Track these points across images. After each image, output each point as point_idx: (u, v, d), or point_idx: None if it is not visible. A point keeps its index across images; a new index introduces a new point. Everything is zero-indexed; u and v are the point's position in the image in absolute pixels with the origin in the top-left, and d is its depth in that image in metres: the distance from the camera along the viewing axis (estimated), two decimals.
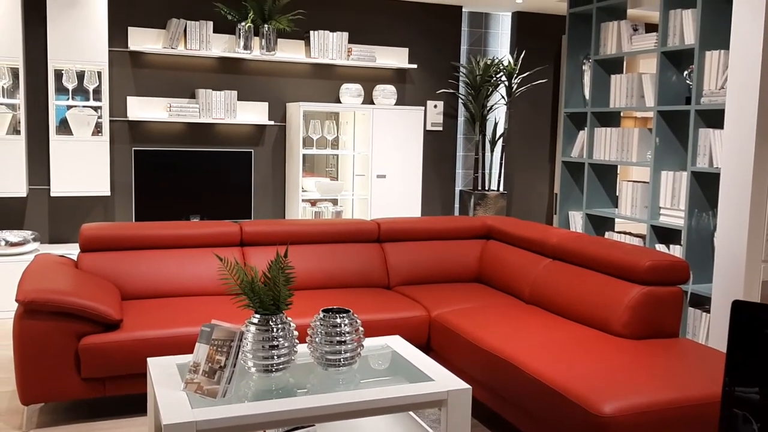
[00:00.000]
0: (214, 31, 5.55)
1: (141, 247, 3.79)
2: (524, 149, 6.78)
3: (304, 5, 5.85)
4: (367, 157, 5.86)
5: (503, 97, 6.53)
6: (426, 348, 3.65)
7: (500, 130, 6.72)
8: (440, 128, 6.49)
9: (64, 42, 4.95)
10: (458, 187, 6.72)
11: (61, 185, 5.05)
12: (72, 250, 4.99)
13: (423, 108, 6.03)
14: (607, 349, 2.93)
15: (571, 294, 3.46)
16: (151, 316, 3.28)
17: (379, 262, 4.15)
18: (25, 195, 5.00)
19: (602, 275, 3.41)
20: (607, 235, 5.03)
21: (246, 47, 5.51)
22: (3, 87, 4.91)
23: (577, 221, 5.33)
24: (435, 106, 6.45)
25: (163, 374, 2.57)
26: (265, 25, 5.53)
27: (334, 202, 6.01)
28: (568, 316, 3.45)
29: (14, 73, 4.92)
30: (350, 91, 5.89)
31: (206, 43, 5.42)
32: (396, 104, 6.19)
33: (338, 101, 6.04)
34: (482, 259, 4.30)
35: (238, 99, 5.72)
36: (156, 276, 3.69)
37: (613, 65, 5.08)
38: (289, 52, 5.82)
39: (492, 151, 6.66)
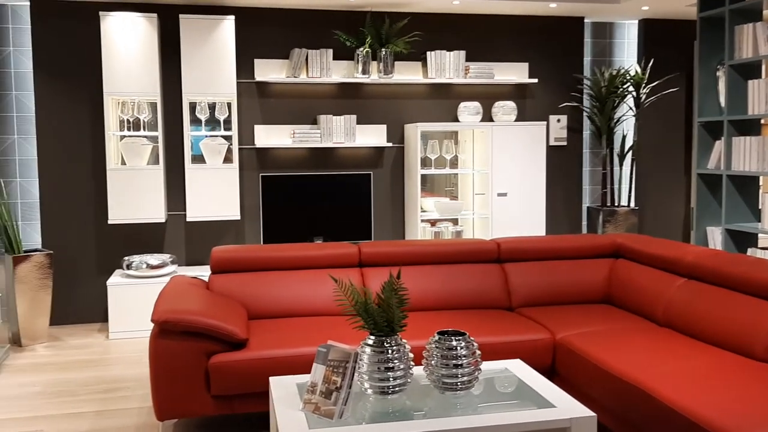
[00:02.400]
0: (334, 58, 5.70)
1: (266, 268, 3.92)
2: (656, 162, 6.43)
3: (420, 27, 5.89)
4: (487, 176, 5.77)
5: (631, 108, 6.24)
6: (550, 372, 3.50)
7: (629, 142, 6.41)
8: (564, 143, 6.29)
9: (196, 77, 5.26)
10: (585, 204, 6.47)
11: (196, 211, 5.34)
12: (205, 272, 5.25)
13: (545, 123, 5.87)
14: (749, 376, 2.68)
15: (709, 316, 3.21)
16: (274, 336, 3.37)
17: (500, 282, 4.05)
18: (164, 220, 5.33)
19: (744, 296, 3.14)
20: (749, 251, 4.65)
21: (364, 72, 5.62)
22: (144, 121, 5.28)
23: (716, 237, 4.96)
24: (558, 121, 6.26)
25: (284, 393, 2.62)
26: (383, 49, 5.62)
27: (455, 221, 5.96)
28: (706, 339, 3.20)
29: (153, 107, 5.28)
30: (468, 109, 5.84)
31: (326, 70, 5.58)
32: (516, 120, 6.08)
33: (456, 120, 6.01)
34: (611, 279, 4.09)
35: (358, 123, 5.83)
36: (280, 296, 3.80)
37: (749, 70, 4.72)
38: (407, 74, 5.87)
39: (621, 165, 6.37)
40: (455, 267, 4.06)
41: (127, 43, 5.11)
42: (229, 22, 5.26)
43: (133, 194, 5.20)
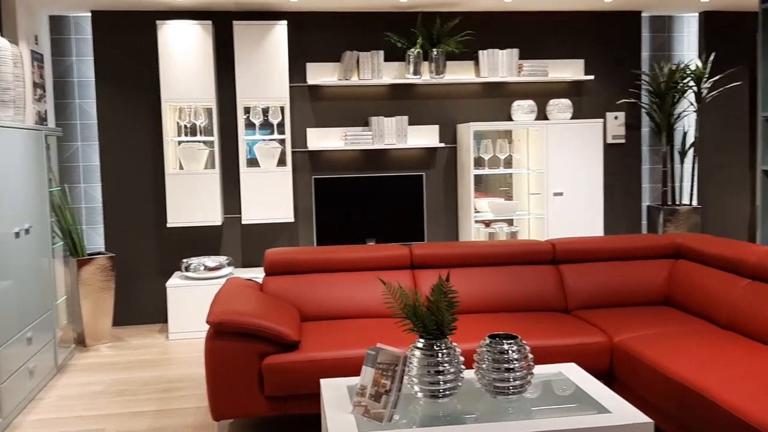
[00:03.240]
0: (385, 60, 5.70)
1: (318, 270, 3.95)
2: (719, 158, 6.20)
3: (471, 26, 5.84)
4: (542, 175, 5.67)
5: (692, 103, 6.04)
6: (608, 377, 3.41)
7: (690, 139, 6.21)
8: (622, 140, 6.13)
9: (250, 82, 5.34)
10: (645, 203, 6.29)
11: (251, 213, 5.42)
12: (260, 274, 5.32)
13: (602, 120, 5.73)
14: None
15: None
16: (326, 338, 3.38)
17: (555, 284, 3.97)
18: (220, 223, 5.43)
19: None
20: None
21: (416, 72, 5.60)
22: (200, 126, 5.39)
23: None
24: (615, 118, 6.11)
25: (334, 395, 2.63)
26: (434, 49, 5.59)
27: (509, 222, 5.88)
28: None
29: (209, 113, 5.38)
30: (522, 108, 5.76)
31: (378, 71, 5.58)
32: (572, 118, 5.95)
33: (510, 119, 5.93)
34: (671, 280, 3.97)
35: (409, 123, 5.81)
36: (332, 298, 3.82)
37: None
38: (459, 73, 5.82)
39: (682, 162, 6.17)
40: (509, 269, 4.00)
41: (183, 50, 5.22)
42: (281, 27, 5.33)
43: (191, 198, 5.31)
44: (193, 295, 5.20)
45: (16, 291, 3.82)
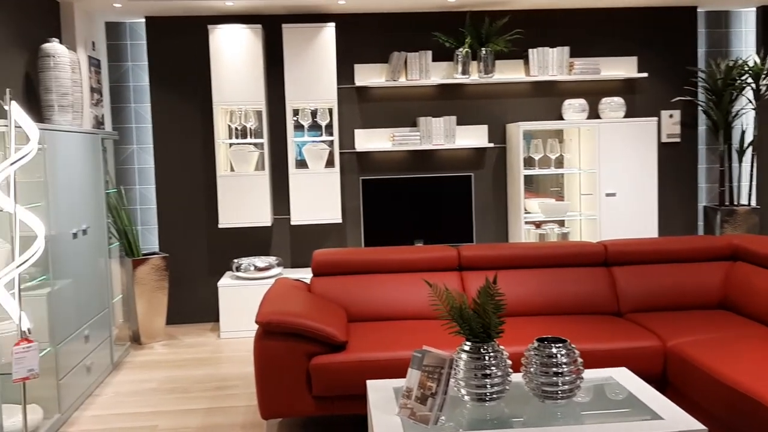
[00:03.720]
0: (433, 60, 5.68)
1: (366, 271, 3.96)
2: None
3: (521, 24, 5.77)
4: (594, 175, 5.57)
5: (750, 101, 5.84)
6: (661, 382, 3.33)
7: (749, 137, 6.00)
8: (677, 139, 5.97)
9: (299, 84, 5.39)
10: (701, 204, 6.12)
11: (300, 214, 5.47)
12: (309, 274, 5.36)
13: (656, 119, 5.59)
14: None
15: None
16: (373, 339, 3.39)
17: (607, 287, 3.89)
18: (270, 224, 5.50)
19: None
20: None
21: (464, 72, 5.56)
22: (250, 128, 5.47)
23: None
24: (670, 116, 5.96)
25: (380, 397, 2.63)
26: (483, 49, 5.54)
27: (561, 223, 5.79)
28: None
29: (258, 115, 5.46)
30: (573, 107, 5.66)
31: (425, 72, 5.57)
32: (625, 117, 5.83)
33: (560, 118, 5.84)
34: (727, 283, 3.85)
35: (458, 124, 5.78)
36: (379, 299, 3.82)
37: None
38: (508, 72, 5.76)
39: (740, 161, 5.97)
40: (559, 271, 3.94)
41: (234, 54, 5.31)
42: (329, 29, 5.36)
43: (242, 199, 5.39)
44: (243, 295, 5.28)
45: (75, 290, 3.94)
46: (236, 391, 4.09)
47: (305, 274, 5.39)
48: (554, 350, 2.46)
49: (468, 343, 2.50)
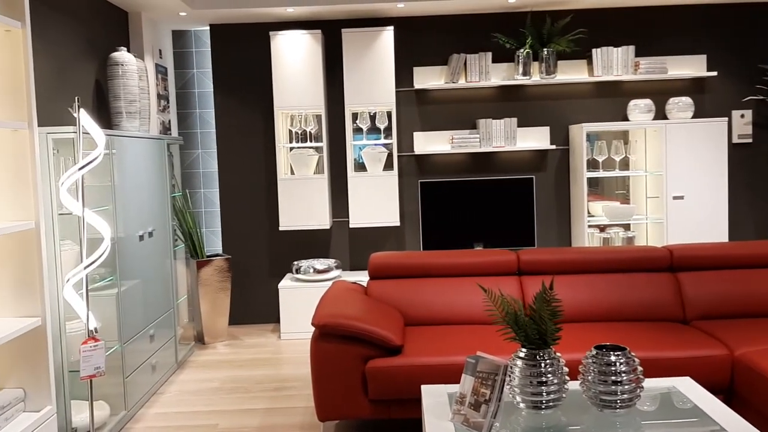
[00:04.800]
0: (493, 61, 5.62)
1: (423, 275, 3.94)
2: None
3: (584, 24, 5.65)
4: (661, 177, 5.40)
5: None
6: (728, 393, 3.19)
7: None
8: (749, 140, 5.73)
9: (358, 87, 5.42)
10: None
11: (358, 217, 5.50)
12: (367, 277, 5.38)
13: (726, 119, 5.38)
14: None
15: None
16: (429, 343, 3.37)
17: (672, 293, 3.76)
18: (329, 227, 5.55)
19: None
20: None
21: (525, 73, 5.49)
22: (310, 132, 5.53)
23: None
24: (742, 116, 5.72)
25: (434, 402, 2.61)
26: (544, 49, 5.45)
27: (626, 227, 5.63)
28: None
29: (318, 119, 5.52)
30: (639, 107, 5.50)
31: (485, 73, 5.51)
32: (693, 117, 5.63)
33: (625, 119, 5.68)
34: None
35: (519, 125, 5.70)
36: (435, 303, 3.80)
37: None
38: (570, 73, 5.65)
39: None
40: (622, 276, 3.83)
41: (294, 59, 5.39)
42: (388, 33, 5.38)
43: (301, 202, 5.46)
44: (303, 297, 5.34)
45: (141, 290, 4.06)
46: (295, 392, 4.14)
47: (364, 277, 5.42)
48: (613, 358, 2.39)
49: (523, 349, 2.46)
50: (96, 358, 3.11)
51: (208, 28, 5.79)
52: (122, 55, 4.34)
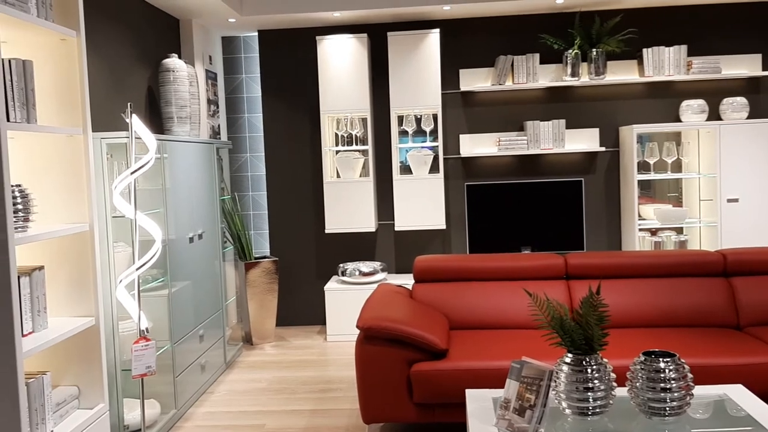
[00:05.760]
0: (541, 63, 5.56)
1: (468, 278, 3.93)
2: None
3: (634, 23, 5.54)
4: (715, 180, 5.26)
5: None
6: None
7: None
8: None
9: (403, 90, 5.43)
10: None
11: (404, 220, 5.51)
12: (412, 280, 5.38)
13: None
14: None
15: None
16: (474, 347, 3.35)
17: (725, 298, 3.66)
18: (374, 230, 5.57)
19: None
20: None
21: (573, 74, 5.41)
22: (356, 135, 5.56)
23: None
24: None
25: (479, 407, 2.60)
26: (593, 50, 5.37)
27: (678, 230, 5.50)
28: None
29: (364, 122, 5.54)
30: (692, 108, 5.37)
31: (533, 75, 5.46)
32: (748, 118, 5.47)
33: (677, 120, 5.55)
34: None
35: (567, 127, 5.62)
36: (481, 307, 3.78)
37: None
38: (620, 73, 5.55)
39: None
40: (673, 281, 3.75)
41: (340, 63, 5.43)
42: (434, 36, 5.37)
43: (347, 205, 5.50)
44: (349, 299, 5.37)
45: (191, 291, 4.15)
46: (340, 394, 4.17)
47: (409, 280, 5.42)
48: (662, 365, 2.34)
49: (569, 355, 2.42)
50: (147, 357, 3.19)
51: (256, 33, 5.88)
52: (173, 61, 4.44)
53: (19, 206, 2.35)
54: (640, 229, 5.40)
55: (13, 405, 2.20)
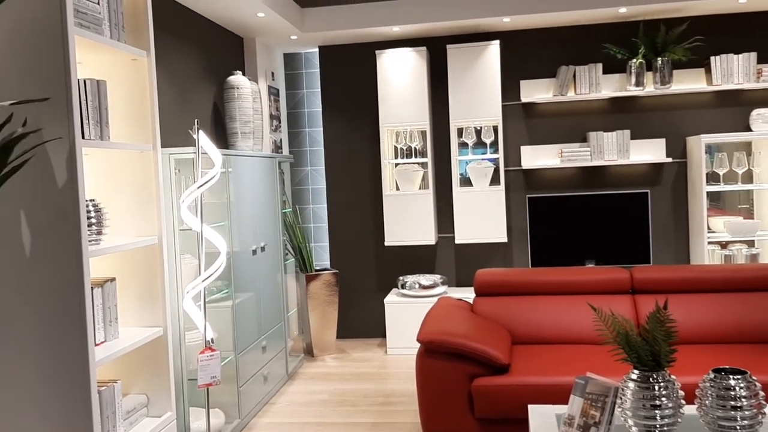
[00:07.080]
0: (604, 72, 5.47)
1: (530, 292, 3.87)
2: None
3: (700, 31, 5.39)
4: None
5: None
6: None
7: None
8: None
9: (463, 102, 5.43)
10: None
11: (464, 233, 5.48)
12: (473, 294, 5.34)
13: None
14: None
15: None
16: (536, 362, 3.30)
17: None
18: (434, 243, 5.56)
19: None
20: None
21: (638, 84, 5.30)
22: (415, 148, 5.58)
23: None
24: None
25: (542, 423, 2.56)
26: (658, 59, 5.25)
27: (749, 243, 5.30)
28: None
29: (423, 135, 5.56)
30: (762, 117, 5.18)
31: (596, 85, 5.37)
32: None
33: (748, 129, 5.36)
34: None
35: (632, 138, 5.50)
36: (544, 322, 3.72)
37: None
38: (687, 82, 5.40)
39: None
40: (743, 295, 3.61)
41: (399, 76, 5.46)
42: (494, 47, 5.35)
43: (406, 218, 5.51)
44: (409, 312, 5.37)
45: (254, 303, 4.23)
46: (401, 408, 4.16)
47: (470, 294, 5.38)
48: (732, 382, 2.25)
49: (636, 371, 2.36)
50: (212, 367, 3.26)
51: (317, 49, 5.98)
52: (238, 78, 4.55)
53: (93, 220, 2.45)
54: (710, 242, 5.23)
55: (87, 412, 2.28)
